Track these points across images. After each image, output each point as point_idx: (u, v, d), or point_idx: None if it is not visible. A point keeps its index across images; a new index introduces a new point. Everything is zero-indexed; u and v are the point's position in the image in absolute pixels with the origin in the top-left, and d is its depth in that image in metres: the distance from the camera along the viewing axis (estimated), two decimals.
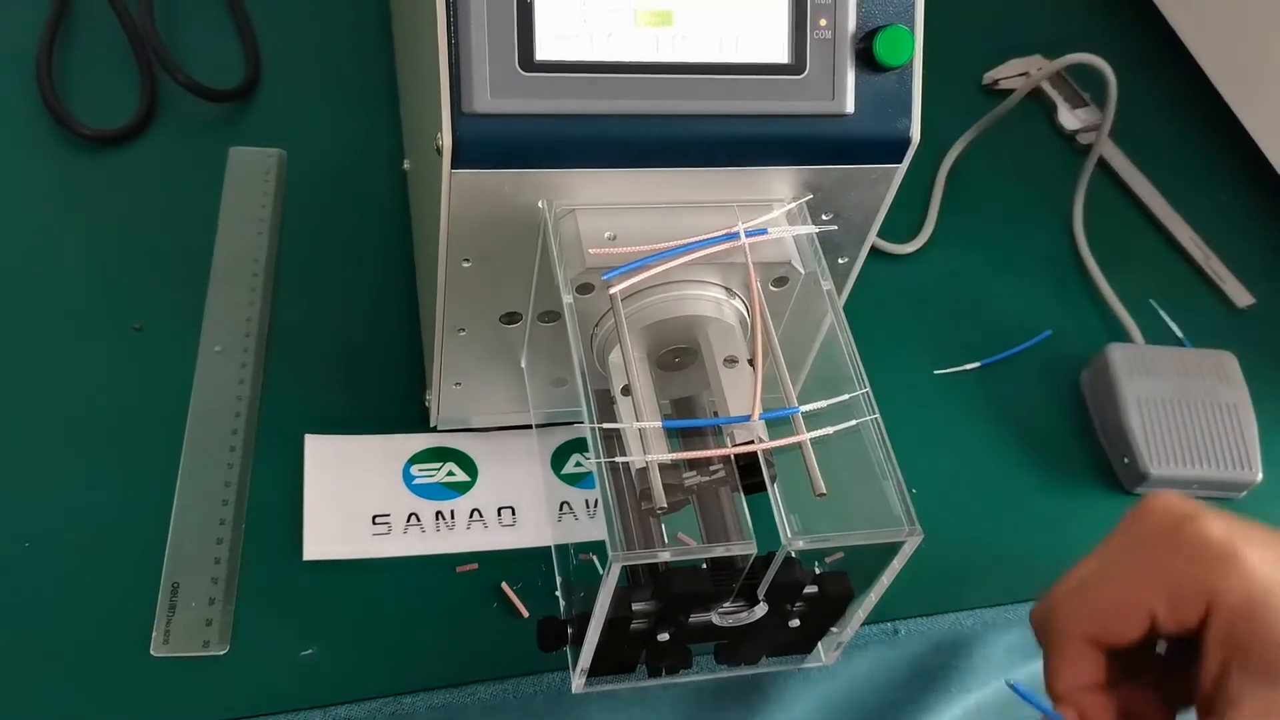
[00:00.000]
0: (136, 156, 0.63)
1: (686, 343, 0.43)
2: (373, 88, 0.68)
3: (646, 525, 0.40)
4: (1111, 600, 0.38)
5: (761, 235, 0.42)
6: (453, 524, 0.52)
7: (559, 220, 0.42)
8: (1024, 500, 0.59)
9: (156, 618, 0.47)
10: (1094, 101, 0.78)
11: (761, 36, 0.40)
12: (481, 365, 0.50)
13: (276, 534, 0.50)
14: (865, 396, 0.39)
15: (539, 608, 0.50)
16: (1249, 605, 0.35)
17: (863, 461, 0.39)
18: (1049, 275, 0.70)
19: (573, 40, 0.39)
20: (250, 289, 0.58)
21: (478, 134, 0.39)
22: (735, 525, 0.40)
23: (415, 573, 0.50)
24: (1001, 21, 0.84)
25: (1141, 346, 0.64)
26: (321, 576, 0.49)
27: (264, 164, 0.63)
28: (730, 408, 0.40)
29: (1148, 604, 0.37)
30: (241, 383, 0.54)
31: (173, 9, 0.69)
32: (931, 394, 0.62)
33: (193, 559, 0.49)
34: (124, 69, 0.66)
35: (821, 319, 0.44)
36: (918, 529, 0.37)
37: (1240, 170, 0.77)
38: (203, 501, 0.50)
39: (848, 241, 0.47)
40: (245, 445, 0.53)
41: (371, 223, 0.62)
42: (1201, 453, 0.59)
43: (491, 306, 0.47)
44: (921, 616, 0.53)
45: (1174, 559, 0.37)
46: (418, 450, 0.54)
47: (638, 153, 0.41)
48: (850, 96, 0.41)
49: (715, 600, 0.39)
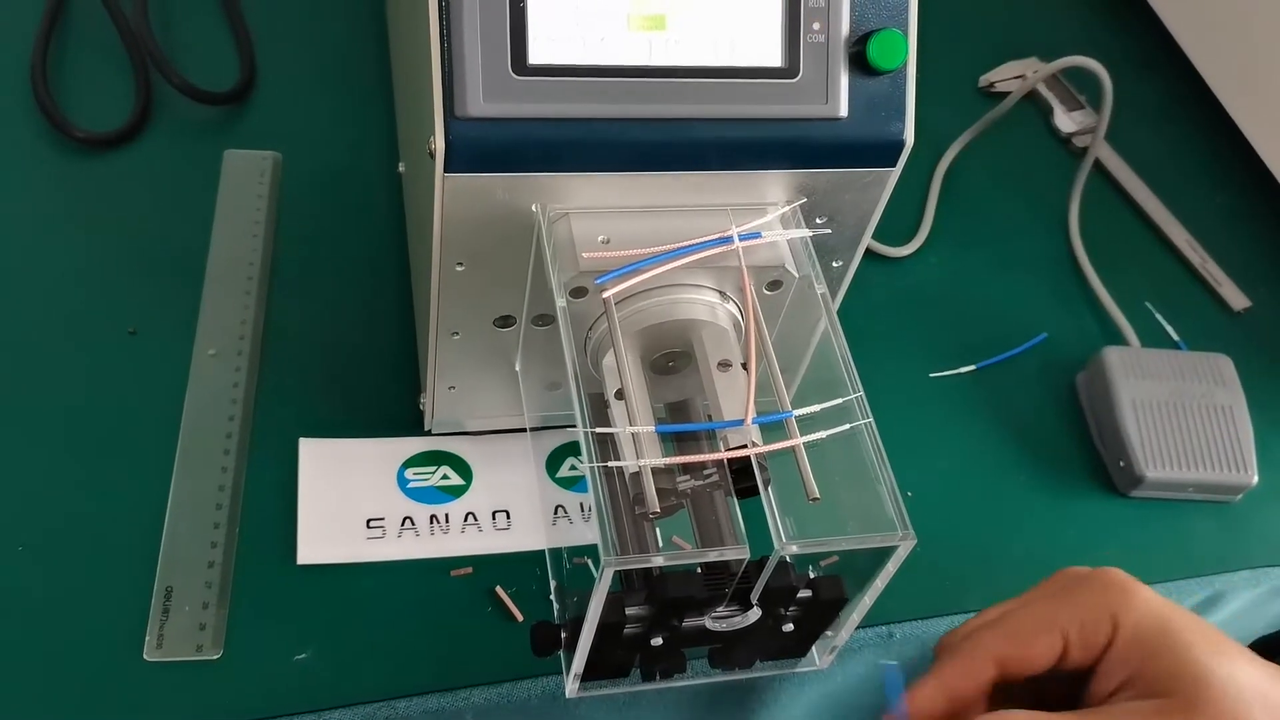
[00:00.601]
0: (131, 159, 0.63)
1: (680, 346, 0.43)
2: (367, 90, 0.68)
3: (640, 529, 0.40)
4: (1031, 621, 0.43)
5: (755, 239, 0.42)
6: (447, 527, 0.52)
7: (552, 224, 0.42)
8: (1019, 503, 0.59)
9: (150, 622, 0.47)
10: (1090, 104, 0.78)
11: (755, 40, 0.40)
12: (475, 369, 0.50)
13: (270, 537, 0.50)
14: (859, 400, 0.39)
15: (533, 611, 0.50)
16: (1148, 629, 0.41)
17: (857, 465, 0.39)
18: (1045, 278, 0.70)
19: (566, 43, 0.39)
20: (245, 292, 0.58)
21: (470, 137, 0.39)
22: (729, 530, 0.40)
23: (409, 576, 0.50)
24: (997, 24, 0.84)
25: (1137, 349, 0.64)
26: (315, 580, 0.49)
27: (259, 167, 0.63)
28: (724, 411, 0.40)
29: (1063, 627, 0.42)
30: (235, 386, 0.54)
31: (168, 11, 0.69)
32: (927, 397, 0.62)
33: (186, 563, 0.48)
34: (119, 72, 0.65)
35: (816, 322, 0.44)
36: (911, 533, 0.37)
37: (1236, 173, 0.77)
38: (196, 505, 0.50)
39: (842, 245, 0.47)
40: (239, 448, 0.52)
41: (366, 226, 0.62)
42: (1197, 456, 0.59)
43: (485, 310, 0.47)
44: (917, 620, 0.53)
45: (1087, 591, 0.43)
46: (412, 454, 0.54)
47: (631, 156, 0.41)
48: (844, 100, 0.41)
49: (709, 605, 0.39)
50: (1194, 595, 0.57)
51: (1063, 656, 0.42)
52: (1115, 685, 0.41)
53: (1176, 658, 0.40)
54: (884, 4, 0.41)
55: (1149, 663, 0.40)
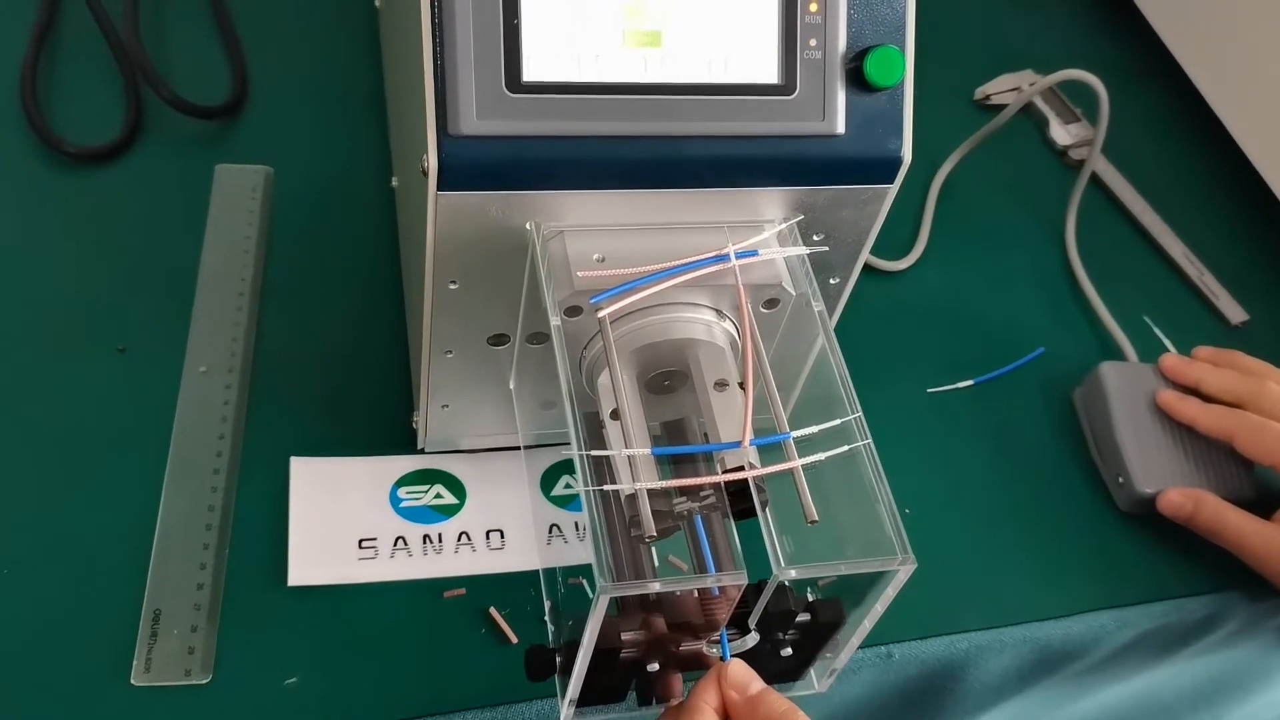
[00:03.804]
0: (121, 174, 0.62)
1: (677, 365, 0.43)
2: (361, 104, 0.67)
3: (636, 552, 0.40)
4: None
5: (752, 257, 0.42)
6: (440, 547, 0.51)
7: (547, 242, 0.41)
8: (1017, 520, 0.58)
9: (138, 645, 0.46)
10: (1085, 116, 0.78)
11: (751, 56, 0.40)
12: (469, 387, 0.49)
13: (261, 559, 0.49)
14: (857, 421, 0.39)
15: (528, 633, 0.49)
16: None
17: (855, 485, 0.39)
18: (1042, 291, 0.69)
19: (560, 61, 0.38)
20: (236, 308, 0.57)
21: (464, 156, 0.38)
22: (727, 555, 0.39)
23: (402, 598, 0.49)
24: (993, 36, 0.83)
25: (1135, 364, 0.64)
26: (306, 602, 0.49)
27: (250, 181, 0.63)
28: (721, 432, 0.40)
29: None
30: (226, 404, 0.54)
31: (159, 24, 0.69)
32: (924, 412, 0.62)
33: (175, 585, 0.48)
34: (109, 85, 0.65)
35: (813, 340, 0.43)
36: (911, 557, 0.36)
37: (1233, 185, 0.77)
38: (186, 526, 0.50)
39: (839, 262, 0.47)
40: (230, 468, 0.52)
41: (359, 241, 0.61)
42: (1196, 472, 0.59)
43: (479, 328, 0.46)
44: (915, 640, 0.52)
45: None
46: (405, 472, 0.53)
47: (626, 174, 0.40)
48: (841, 117, 0.41)
49: (706, 630, 0.38)
50: (1193, 614, 0.57)
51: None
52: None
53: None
54: (881, 20, 0.41)
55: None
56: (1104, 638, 0.55)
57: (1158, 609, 0.57)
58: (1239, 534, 0.55)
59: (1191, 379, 0.60)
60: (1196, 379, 0.60)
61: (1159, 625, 0.56)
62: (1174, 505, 0.56)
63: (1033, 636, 0.54)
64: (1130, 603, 0.56)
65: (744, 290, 0.41)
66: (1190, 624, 0.57)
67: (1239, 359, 0.61)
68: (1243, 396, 0.58)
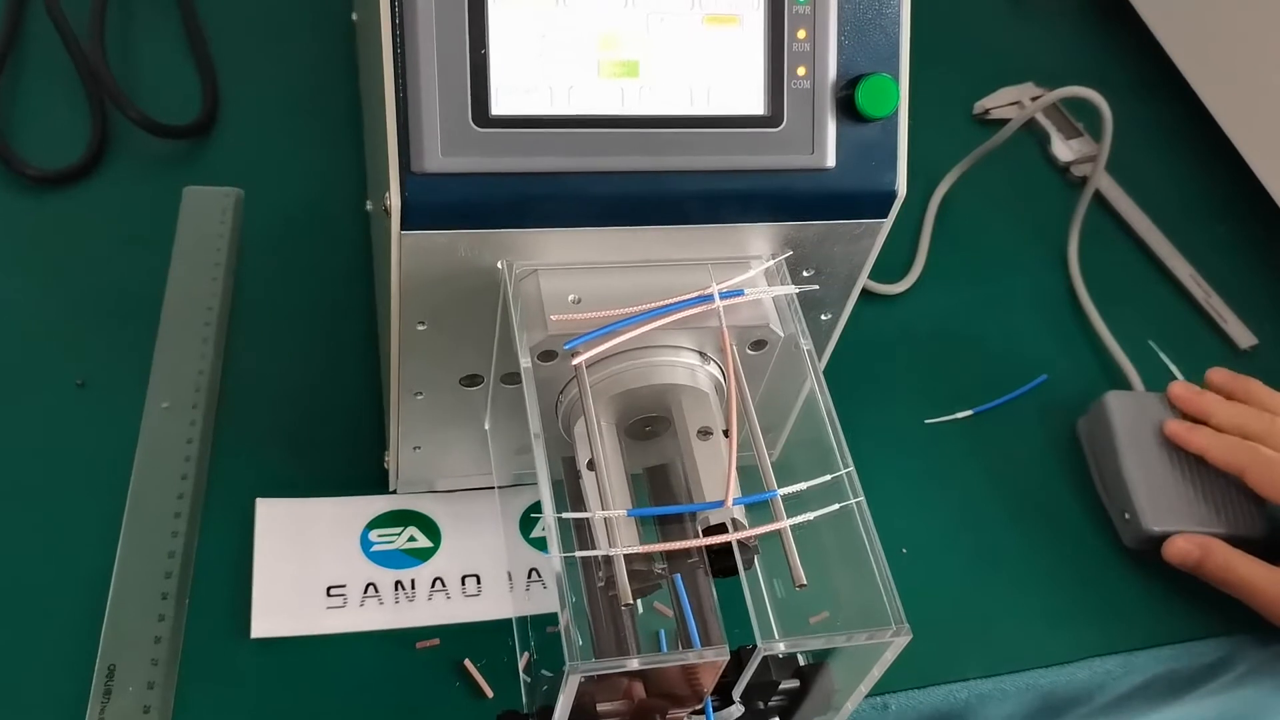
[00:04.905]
0: (85, 197, 0.60)
1: (658, 411, 0.40)
2: (335, 125, 0.65)
3: (616, 612, 0.37)
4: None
5: (737, 296, 0.39)
6: (413, 594, 0.49)
7: (519, 282, 0.39)
8: (1018, 559, 0.56)
9: (90, 704, 0.43)
10: (1088, 131, 0.75)
11: (735, 87, 0.37)
12: (442, 429, 0.47)
13: (223, 609, 0.47)
14: (848, 476, 0.36)
15: (504, 687, 0.47)
16: None
17: (846, 542, 0.37)
18: (1044, 315, 0.67)
19: (531, 93, 0.36)
20: (202, 340, 0.55)
21: (428, 194, 0.36)
22: (712, 615, 0.37)
23: (372, 649, 0.47)
24: (991, 48, 0.81)
25: (1140, 393, 0.62)
26: (271, 655, 0.46)
27: (220, 204, 0.60)
28: (704, 485, 0.38)
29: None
30: (190, 442, 0.51)
31: (126, 40, 0.66)
32: (922, 444, 0.59)
33: (131, 638, 0.45)
34: (73, 104, 0.62)
35: (803, 380, 0.41)
36: (905, 628, 0.34)
37: (1241, 205, 0.74)
38: (143, 573, 0.47)
39: (830, 298, 0.44)
40: (192, 510, 0.49)
41: (332, 268, 0.59)
42: (1206, 508, 0.56)
43: (450, 369, 0.44)
44: (913, 689, 0.50)
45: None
46: (377, 514, 0.51)
47: (603, 211, 0.38)
48: (831, 150, 0.39)
49: (690, 700, 0.36)
50: (1201, 658, 0.55)
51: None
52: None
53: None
54: (873, 47, 0.38)
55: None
56: (1109, 684, 0.53)
57: (1165, 653, 0.54)
58: (1249, 582, 0.53)
59: (1202, 411, 0.58)
60: (1207, 412, 0.57)
61: (1167, 670, 0.54)
62: (1181, 553, 0.54)
63: (1035, 684, 0.52)
64: (1137, 647, 0.54)
65: (729, 333, 0.38)
66: (1198, 668, 0.55)
67: (1255, 389, 0.59)
68: (1256, 432, 0.56)
